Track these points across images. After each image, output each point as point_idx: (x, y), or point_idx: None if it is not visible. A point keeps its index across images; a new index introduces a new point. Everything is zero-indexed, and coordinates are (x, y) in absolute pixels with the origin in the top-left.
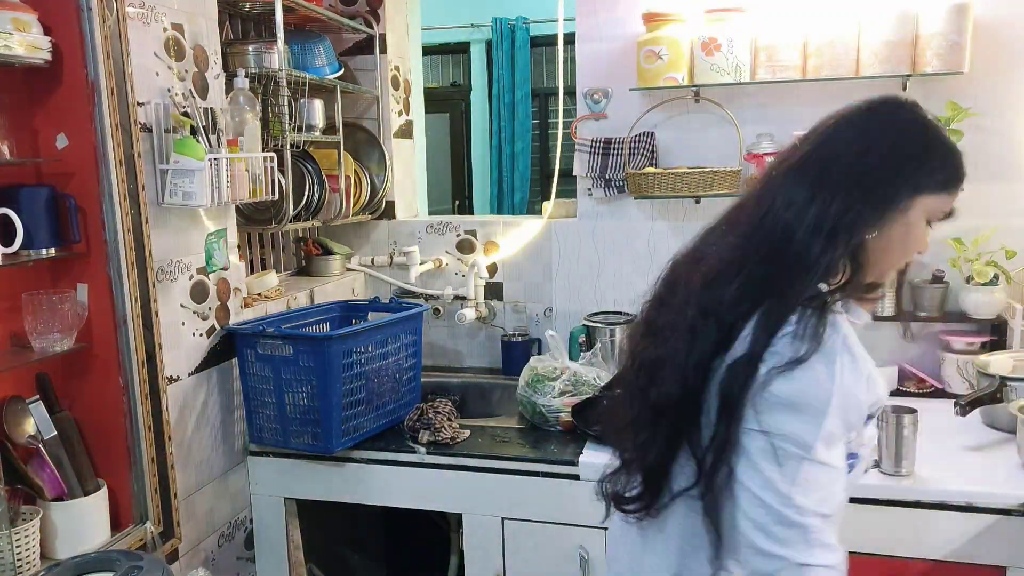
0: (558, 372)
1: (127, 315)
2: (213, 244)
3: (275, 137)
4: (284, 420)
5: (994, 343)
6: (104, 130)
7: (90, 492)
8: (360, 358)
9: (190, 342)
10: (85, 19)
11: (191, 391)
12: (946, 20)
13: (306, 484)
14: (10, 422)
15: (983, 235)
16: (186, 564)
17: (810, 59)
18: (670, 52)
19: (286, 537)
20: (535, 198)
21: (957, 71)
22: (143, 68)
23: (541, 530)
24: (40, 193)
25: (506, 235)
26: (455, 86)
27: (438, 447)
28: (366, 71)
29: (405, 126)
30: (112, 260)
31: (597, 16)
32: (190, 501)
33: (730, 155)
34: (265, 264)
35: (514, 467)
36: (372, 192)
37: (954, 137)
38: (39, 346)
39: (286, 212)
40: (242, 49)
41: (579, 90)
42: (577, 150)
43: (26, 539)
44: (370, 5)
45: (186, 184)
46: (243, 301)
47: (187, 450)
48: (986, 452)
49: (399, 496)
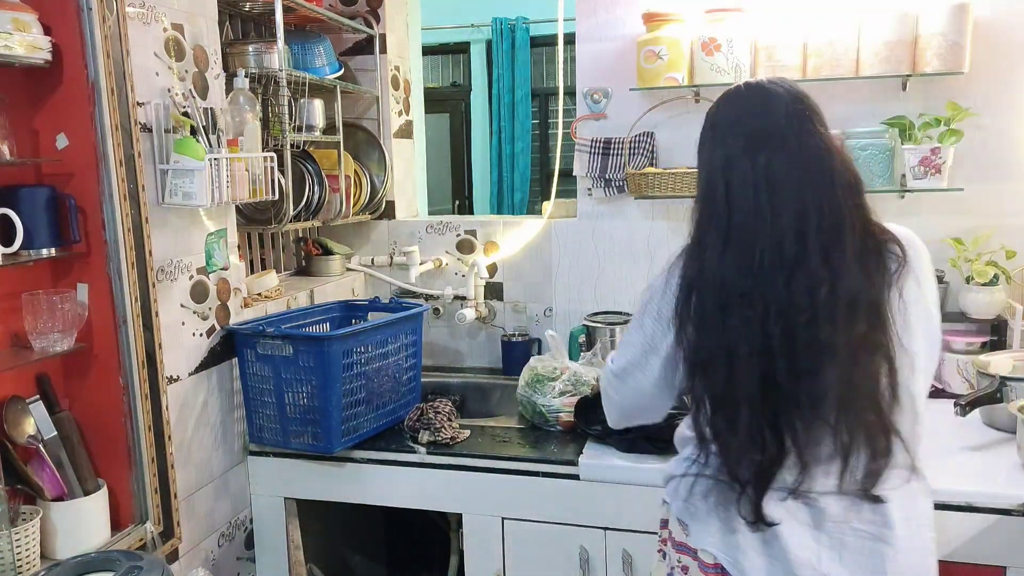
0: (558, 372)
1: (127, 315)
2: (213, 244)
3: (275, 137)
4: (284, 420)
5: (994, 343)
6: (104, 130)
7: (90, 492)
8: (360, 358)
9: (190, 342)
10: (85, 19)
11: (191, 391)
12: (946, 20)
13: (306, 484)
14: (10, 422)
15: (983, 235)
16: (186, 564)
17: (810, 59)
18: (670, 52)
19: (286, 537)
20: (535, 198)
21: (957, 71)
22: (143, 68)
23: (541, 530)
24: (40, 193)
25: (506, 235)
26: (455, 86)
27: (438, 447)
28: (366, 71)
29: (405, 126)
30: (112, 260)
31: (597, 16)
32: (190, 501)
33: None
34: (265, 264)
35: (514, 467)
36: (372, 192)
37: (954, 137)
38: (39, 346)
39: (286, 212)
40: (242, 49)
41: (579, 90)
42: (577, 150)
43: (26, 539)
44: (370, 5)
45: (186, 184)
46: (243, 301)
47: (187, 450)
48: (986, 452)
49: (399, 496)
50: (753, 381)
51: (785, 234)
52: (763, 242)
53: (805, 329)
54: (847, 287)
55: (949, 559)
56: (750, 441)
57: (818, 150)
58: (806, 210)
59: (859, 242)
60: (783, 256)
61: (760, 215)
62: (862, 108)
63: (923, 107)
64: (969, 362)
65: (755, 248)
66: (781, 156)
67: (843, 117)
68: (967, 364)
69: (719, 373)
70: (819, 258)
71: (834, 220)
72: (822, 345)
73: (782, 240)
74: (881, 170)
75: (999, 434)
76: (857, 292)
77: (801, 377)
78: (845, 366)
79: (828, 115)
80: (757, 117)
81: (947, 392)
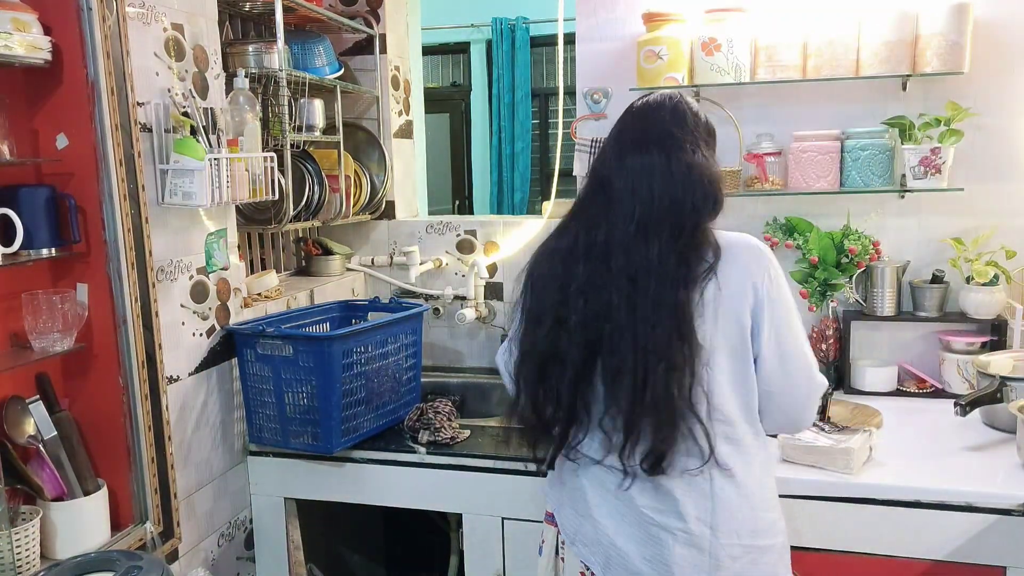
0: None
1: (127, 315)
2: (213, 244)
3: (275, 137)
4: (284, 420)
5: (994, 343)
6: (104, 130)
7: (90, 492)
8: (360, 358)
9: (190, 342)
10: (85, 19)
11: (191, 391)
12: (946, 20)
13: (306, 484)
14: (10, 422)
15: (983, 235)
16: (186, 564)
17: (810, 59)
18: (670, 52)
19: (286, 537)
20: (535, 198)
21: (957, 71)
22: (143, 68)
23: (541, 530)
24: (40, 193)
25: (506, 235)
26: (455, 86)
27: (438, 447)
28: (366, 71)
29: (405, 126)
30: (112, 260)
31: (597, 16)
32: (190, 501)
33: (730, 155)
34: (265, 264)
35: (514, 467)
36: (372, 192)
37: (954, 137)
38: (39, 346)
39: (286, 212)
40: (242, 49)
41: (579, 90)
42: (577, 150)
43: (26, 539)
44: (370, 5)
45: (186, 184)
46: (243, 301)
47: (187, 450)
48: (986, 452)
49: (399, 496)
50: (554, 344)
51: (615, 225)
52: (599, 230)
53: (603, 309)
54: (646, 281)
55: (949, 559)
56: (548, 395)
57: (680, 162)
58: (636, 209)
59: (674, 244)
60: (596, 243)
61: (600, 205)
62: (862, 108)
63: (923, 107)
64: (969, 362)
65: (579, 236)
66: (641, 159)
67: (843, 117)
68: (967, 364)
69: (533, 334)
70: (623, 252)
71: (657, 219)
72: (619, 326)
73: (611, 231)
74: (881, 170)
75: (999, 434)
76: (658, 288)
77: (598, 351)
78: (637, 350)
79: (828, 115)
80: (638, 129)
81: (947, 392)
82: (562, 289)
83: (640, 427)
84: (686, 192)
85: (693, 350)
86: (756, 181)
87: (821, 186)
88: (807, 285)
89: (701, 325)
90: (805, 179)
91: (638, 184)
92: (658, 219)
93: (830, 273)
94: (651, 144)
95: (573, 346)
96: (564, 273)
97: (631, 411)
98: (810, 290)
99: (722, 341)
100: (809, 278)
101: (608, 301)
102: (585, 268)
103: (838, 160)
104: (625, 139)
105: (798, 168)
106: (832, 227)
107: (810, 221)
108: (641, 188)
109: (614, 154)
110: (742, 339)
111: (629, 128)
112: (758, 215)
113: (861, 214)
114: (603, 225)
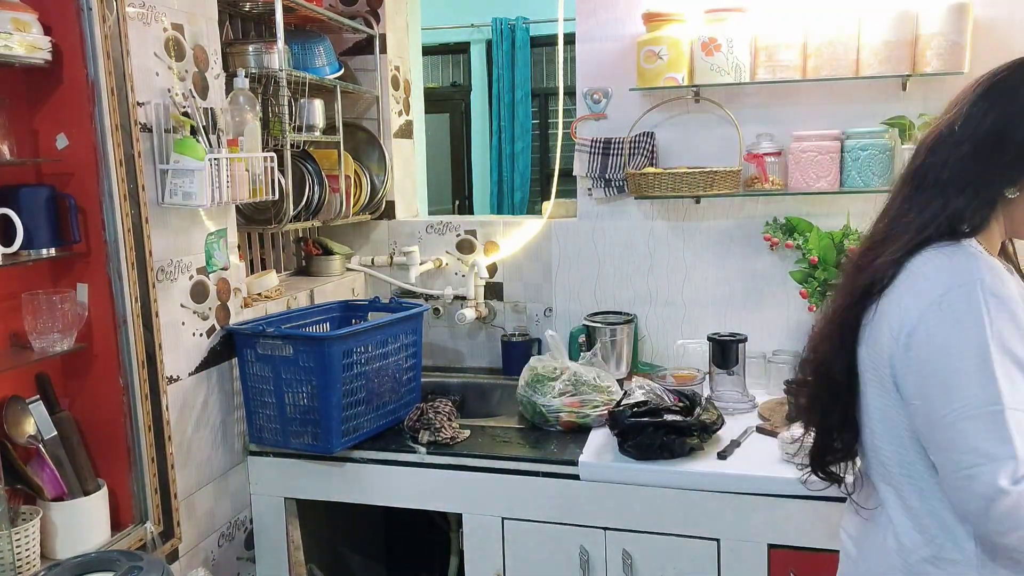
0: (558, 372)
1: (127, 315)
2: (213, 244)
3: (275, 137)
4: (284, 420)
5: None
6: (104, 130)
7: (90, 492)
8: (360, 358)
9: (190, 342)
10: (85, 19)
11: (191, 391)
12: (946, 20)
13: (306, 484)
14: (10, 422)
15: None
16: (186, 564)
17: (810, 59)
18: (670, 52)
19: (286, 537)
20: (535, 198)
21: (957, 71)
22: (143, 68)
23: (541, 530)
24: (40, 193)
25: (506, 235)
26: (455, 86)
27: (438, 447)
28: (366, 71)
29: (405, 126)
30: (112, 260)
31: (597, 16)
32: (190, 501)
33: (730, 155)
34: (265, 264)
35: (514, 467)
36: (372, 192)
37: None
38: (39, 346)
39: (286, 212)
40: (242, 49)
41: (579, 90)
42: (577, 150)
43: (26, 539)
44: (370, 5)
45: (186, 184)
46: (243, 301)
47: (187, 450)
48: None
49: (399, 496)
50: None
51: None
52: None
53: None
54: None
55: None
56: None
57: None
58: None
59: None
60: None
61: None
62: (862, 108)
63: (923, 107)
64: None
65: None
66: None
67: (843, 117)
68: None
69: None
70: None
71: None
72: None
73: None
74: (881, 170)
75: None
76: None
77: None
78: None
79: (828, 115)
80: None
81: None
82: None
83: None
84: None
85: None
86: (756, 181)
87: (821, 186)
88: (807, 285)
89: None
90: (805, 179)
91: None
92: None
93: (830, 273)
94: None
95: None
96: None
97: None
98: (810, 290)
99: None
100: (809, 278)
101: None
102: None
103: (838, 160)
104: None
105: (798, 168)
106: (832, 227)
107: (810, 221)
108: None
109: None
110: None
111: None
112: (758, 215)
113: (861, 214)
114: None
